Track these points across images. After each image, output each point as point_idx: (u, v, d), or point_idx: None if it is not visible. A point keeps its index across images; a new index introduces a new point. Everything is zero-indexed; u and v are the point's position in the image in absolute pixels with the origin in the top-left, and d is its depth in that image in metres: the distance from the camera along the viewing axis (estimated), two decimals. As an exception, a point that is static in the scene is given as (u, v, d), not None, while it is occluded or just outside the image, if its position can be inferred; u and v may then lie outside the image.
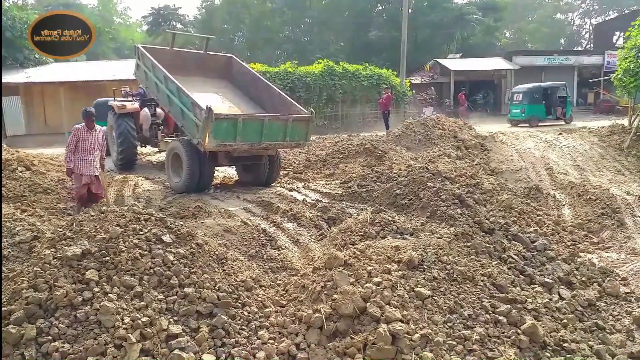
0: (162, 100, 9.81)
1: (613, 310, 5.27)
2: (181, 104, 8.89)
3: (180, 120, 9.16)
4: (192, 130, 8.72)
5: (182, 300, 4.18)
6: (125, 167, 11.92)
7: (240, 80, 11.56)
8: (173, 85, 9.09)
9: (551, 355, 4.15)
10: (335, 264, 4.77)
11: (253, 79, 11.41)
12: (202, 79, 10.87)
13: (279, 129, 9.08)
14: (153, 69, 9.81)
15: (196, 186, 9.12)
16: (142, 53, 10.39)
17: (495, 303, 4.65)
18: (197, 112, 8.34)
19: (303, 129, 9.55)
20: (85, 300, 3.93)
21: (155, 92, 10.06)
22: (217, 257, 5.00)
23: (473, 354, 3.93)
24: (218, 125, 8.15)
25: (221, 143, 8.40)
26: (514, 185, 10.33)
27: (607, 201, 8.78)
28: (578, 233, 7.77)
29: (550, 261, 6.00)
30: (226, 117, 8.39)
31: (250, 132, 8.63)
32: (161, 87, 9.58)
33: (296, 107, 10.04)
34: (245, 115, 8.79)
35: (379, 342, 3.78)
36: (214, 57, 11.99)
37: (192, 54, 12.03)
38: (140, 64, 10.58)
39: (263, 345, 3.96)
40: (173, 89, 9.12)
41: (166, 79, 9.29)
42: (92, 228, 4.74)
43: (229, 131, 8.37)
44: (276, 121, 9.06)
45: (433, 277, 4.75)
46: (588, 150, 13.37)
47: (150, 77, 10.01)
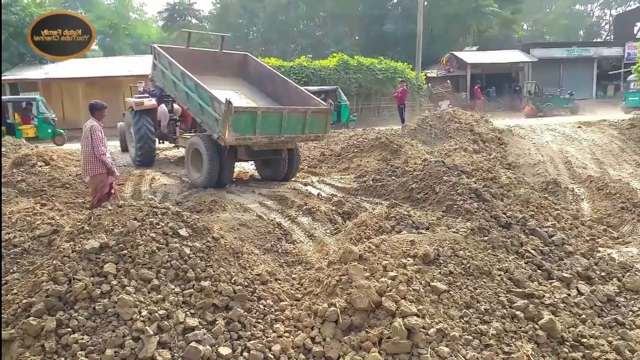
0: (181, 97, 9.79)
1: (633, 306, 5.18)
2: (200, 99, 8.89)
3: (200, 116, 9.15)
4: (211, 125, 8.71)
5: (199, 293, 4.21)
6: (143, 164, 11.94)
7: (256, 77, 11.55)
8: (191, 81, 9.10)
9: (569, 351, 4.10)
10: (350, 258, 4.76)
11: (269, 74, 11.39)
12: (217, 78, 10.89)
13: (297, 122, 9.05)
14: (170, 67, 9.82)
15: (216, 181, 9.15)
16: (158, 52, 10.43)
17: (512, 298, 4.60)
18: (216, 106, 8.34)
19: (322, 121, 9.51)
20: (104, 293, 3.98)
21: (173, 90, 10.03)
22: (232, 250, 5.03)
23: (489, 349, 3.90)
24: (237, 118, 8.14)
25: (241, 136, 8.37)
26: (531, 179, 10.21)
27: (628, 195, 8.63)
28: (597, 227, 7.65)
29: (568, 256, 5.92)
30: (245, 110, 8.40)
31: (270, 125, 8.61)
32: (179, 85, 9.58)
33: (314, 100, 10.00)
34: (264, 107, 8.79)
35: (394, 337, 3.77)
36: (230, 55, 12.00)
37: (207, 53, 12.07)
38: (156, 63, 10.59)
39: (278, 338, 3.98)
40: (191, 85, 9.13)
41: (184, 76, 9.30)
42: (109, 222, 4.79)
43: (248, 124, 8.35)
44: (295, 113, 9.03)
45: (449, 272, 4.72)
46: (608, 144, 13.14)
47: (168, 75, 10.00)
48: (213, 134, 8.61)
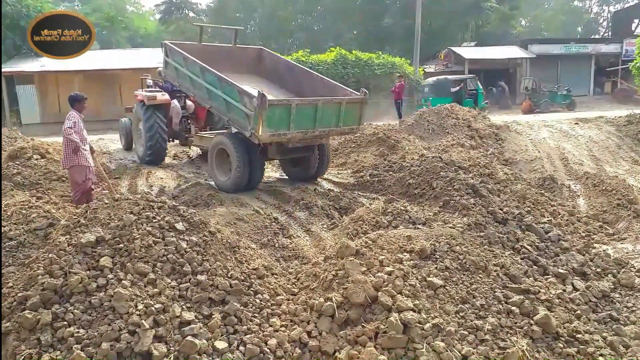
0: (201, 95, 9.05)
1: (628, 302, 5.21)
2: (225, 95, 8.21)
3: (225, 113, 8.43)
4: (241, 123, 7.97)
5: (195, 287, 4.21)
6: (152, 163, 11.11)
7: (274, 71, 10.88)
8: (213, 77, 8.47)
9: (564, 346, 4.12)
10: (347, 253, 4.77)
11: (288, 67, 10.78)
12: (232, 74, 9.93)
13: (332, 114, 8.44)
14: (186, 64, 9.19)
15: (246, 184, 8.48)
16: (170, 49, 9.74)
17: (508, 293, 4.62)
18: (247, 101, 7.66)
19: (356, 112, 8.89)
20: (100, 286, 3.98)
21: (191, 88, 9.31)
22: (229, 245, 5.03)
23: (485, 344, 3.92)
24: (271, 112, 7.53)
25: (275, 132, 7.70)
26: (528, 175, 10.24)
27: (623, 192, 8.65)
28: (593, 224, 7.68)
29: (564, 252, 5.94)
30: (279, 103, 7.81)
31: (304, 118, 8.00)
32: (198, 82, 8.93)
33: (344, 89, 9.36)
34: (299, 99, 8.12)
35: (390, 331, 3.79)
36: (244, 50, 11.42)
37: (220, 48, 11.46)
38: (169, 60, 9.85)
39: (275, 332, 3.99)
40: (213, 81, 8.49)
41: (204, 71, 8.67)
42: (106, 215, 4.78)
43: (283, 118, 7.73)
44: (330, 104, 8.39)
45: (445, 267, 4.74)
46: (604, 140, 13.17)
47: (183, 72, 9.36)
48: (244, 131, 7.86)
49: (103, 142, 13.50)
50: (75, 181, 7.13)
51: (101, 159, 11.17)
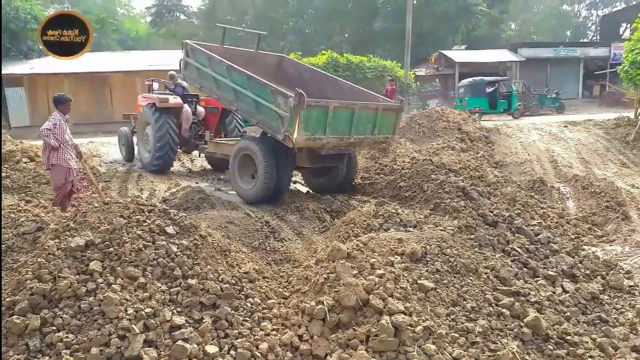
0: (226, 96, 8.53)
1: (616, 304, 5.26)
2: (255, 95, 7.69)
3: (254, 115, 7.85)
4: (273, 125, 7.40)
5: (186, 291, 4.19)
6: (159, 171, 10.39)
7: (296, 79, 10.28)
8: (241, 76, 7.97)
9: (554, 348, 4.15)
10: (338, 256, 4.77)
11: (312, 75, 10.28)
12: None
13: (368, 120, 7.95)
14: (210, 64, 8.69)
15: (271, 194, 7.88)
16: (192, 48, 9.25)
17: (499, 296, 4.65)
18: (281, 101, 7.15)
19: (392, 120, 8.40)
20: (89, 291, 3.94)
21: (214, 89, 8.78)
22: (220, 248, 5.01)
23: (476, 346, 3.94)
24: (309, 113, 7.00)
25: (311, 137, 7.17)
26: (518, 178, 10.30)
27: (612, 194, 8.73)
28: (582, 226, 7.74)
29: (554, 254, 5.99)
30: (317, 104, 7.19)
31: (340, 122, 7.50)
32: (223, 82, 8.40)
33: (376, 97, 8.91)
34: (337, 102, 7.51)
35: (381, 334, 3.79)
36: (264, 57, 10.92)
37: (241, 52, 10.80)
38: (190, 61, 9.31)
39: (266, 336, 3.98)
40: (242, 80, 7.97)
41: (231, 71, 8.18)
42: (95, 219, 4.75)
43: (320, 122, 7.23)
44: (367, 110, 7.91)
45: (436, 270, 4.75)
46: (593, 143, 13.29)
47: (206, 73, 8.84)
48: (276, 134, 7.29)
49: (93, 145, 13.41)
50: (55, 183, 7.06)
51: (91, 162, 11.09)
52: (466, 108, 22.12)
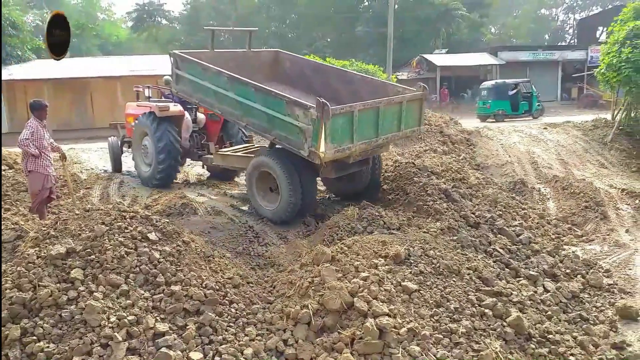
0: (230, 111, 7.59)
1: (596, 302, 5.36)
2: (266, 108, 6.83)
3: (269, 130, 6.98)
4: (293, 140, 6.61)
5: (169, 298, 4.16)
6: (163, 184, 9.45)
7: (296, 75, 9.46)
8: (247, 87, 7.09)
9: (536, 347, 4.21)
10: (322, 260, 4.78)
11: (315, 69, 9.33)
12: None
13: (394, 116, 7.22)
14: (206, 75, 7.76)
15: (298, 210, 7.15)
16: (182, 59, 8.23)
17: (481, 296, 4.70)
18: (300, 113, 6.35)
19: (417, 111, 7.65)
20: (71, 299, 3.90)
21: (216, 104, 7.84)
22: (203, 254, 5.00)
23: (459, 347, 3.97)
24: (334, 123, 6.23)
25: (339, 148, 6.41)
26: (499, 180, 10.43)
27: (591, 194, 8.89)
28: (562, 226, 7.87)
29: (535, 254, 6.08)
30: (342, 112, 6.37)
31: (367, 126, 6.79)
32: (225, 95, 7.48)
33: (394, 87, 8.06)
34: (361, 104, 6.70)
35: (366, 337, 3.81)
36: (258, 55, 10.03)
37: (234, 54, 9.95)
38: (181, 73, 8.28)
39: (251, 341, 3.97)
40: (248, 92, 7.09)
41: (234, 82, 7.30)
42: (76, 226, 4.69)
43: (346, 130, 6.48)
44: (391, 106, 7.16)
45: (419, 272, 4.79)
46: (572, 145, 13.52)
47: (203, 86, 7.87)
48: (299, 151, 6.51)
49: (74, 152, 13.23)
50: (32, 189, 6.96)
51: (72, 168, 10.95)
52: (490, 112, 22.82)
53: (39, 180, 6.86)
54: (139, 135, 9.78)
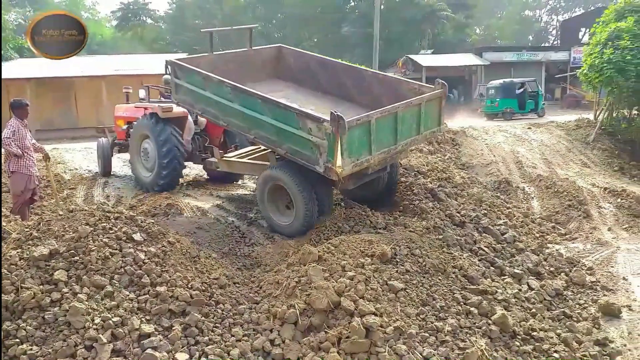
0: (237, 123, 7.05)
1: (580, 299, 5.44)
2: (275, 121, 6.33)
3: (279, 144, 6.48)
4: (306, 156, 6.10)
5: (154, 299, 4.13)
6: (167, 188, 8.84)
7: (300, 71, 8.89)
8: (252, 99, 6.57)
9: (521, 344, 4.25)
10: (309, 259, 4.78)
11: (321, 64, 8.67)
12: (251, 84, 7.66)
13: (412, 119, 6.65)
14: (208, 85, 7.19)
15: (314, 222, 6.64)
16: (180, 67, 7.66)
17: (467, 294, 4.74)
18: (312, 126, 5.85)
19: (436, 111, 7.06)
20: (54, 301, 3.86)
21: (220, 116, 7.28)
22: (189, 255, 4.97)
23: (445, 345, 4.00)
24: (351, 136, 5.72)
25: (357, 161, 5.88)
26: (484, 179, 10.51)
27: (574, 193, 9.01)
28: (546, 225, 7.96)
29: (519, 252, 6.15)
30: (359, 123, 5.83)
31: (385, 134, 6.25)
32: (230, 106, 6.95)
33: (409, 83, 7.51)
34: (378, 112, 6.11)
35: (353, 336, 3.82)
36: (261, 52, 9.41)
37: (235, 54, 9.34)
38: (180, 82, 7.72)
39: (237, 342, 3.95)
40: (254, 104, 6.56)
41: (237, 92, 6.77)
42: (60, 227, 4.64)
43: (363, 141, 5.96)
44: (410, 108, 6.56)
45: (406, 270, 4.82)
46: (555, 144, 13.68)
47: (204, 96, 7.33)
48: (314, 167, 6.01)
49: (58, 152, 13.06)
50: (14, 190, 6.85)
51: (56, 168, 10.81)
52: (498, 110, 23.22)
53: (22, 181, 6.77)
54: (138, 138, 9.24)
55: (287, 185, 6.55)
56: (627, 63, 12.94)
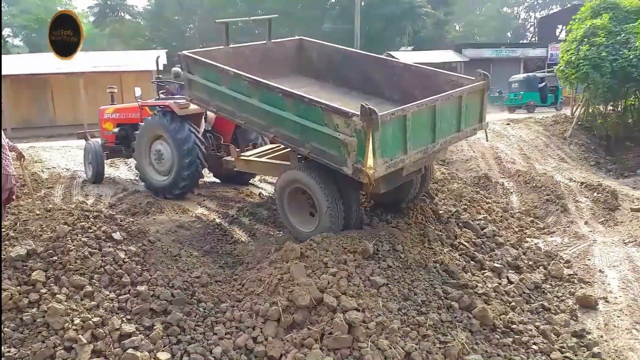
0: (255, 121, 6.41)
1: (557, 292, 5.54)
2: (298, 117, 5.68)
3: (301, 143, 5.78)
4: (332, 156, 5.39)
5: (135, 298, 4.10)
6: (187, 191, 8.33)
7: (324, 65, 8.28)
8: (273, 93, 5.94)
9: (500, 337, 4.32)
10: (291, 256, 4.78)
11: (346, 57, 8.03)
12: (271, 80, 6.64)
13: (452, 115, 5.91)
14: (224, 80, 6.64)
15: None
16: (194, 61, 7.08)
17: (448, 289, 4.79)
18: (339, 122, 5.17)
19: (477, 105, 6.30)
20: (32, 302, 3.80)
21: (236, 113, 6.68)
22: (170, 253, 4.94)
23: (427, 339, 4.04)
24: (385, 132, 4.96)
25: (390, 161, 5.10)
26: (464, 175, 10.62)
27: (552, 188, 9.16)
28: (525, 219, 8.08)
29: (499, 247, 6.23)
30: (393, 117, 5.04)
31: (422, 130, 5.51)
32: (248, 102, 6.33)
33: (446, 75, 6.83)
34: (414, 105, 5.32)
35: (335, 332, 3.83)
36: (282, 45, 8.72)
37: (254, 47, 8.64)
38: (194, 78, 7.14)
39: (219, 340, 3.94)
40: (275, 98, 5.94)
41: (256, 87, 6.17)
42: (37, 227, 4.57)
43: (397, 138, 5.21)
44: (450, 102, 5.78)
45: (387, 266, 4.85)
46: (534, 140, 13.89)
47: (220, 92, 6.77)
48: (341, 167, 5.28)
49: (34, 150, 12.82)
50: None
51: (33, 167, 10.61)
52: (522, 102, 24.27)
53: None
54: (148, 140, 8.51)
55: (310, 189, 5.89)
56: (602, 59, 13.20)
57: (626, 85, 13.83)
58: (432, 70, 6.99)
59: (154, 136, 8.44)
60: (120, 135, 9.66)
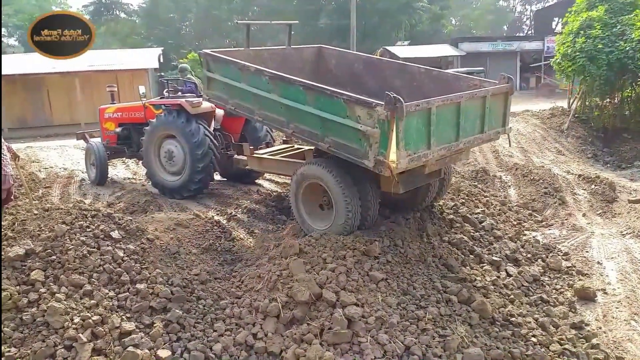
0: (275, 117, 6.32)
1: (556, 284, 5.56)
2: (319, 110, 5.53)
3: (321, 137, 5.60)
4: (353, 149, 5.24)
5: (135, 296, 4.10)
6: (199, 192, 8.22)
7: (344, 73, 8.26)
8: (294, 87, 5.84)
9: (500, 330, 4.33)
10: (290, 253, 4.79)
11: (366, 64, 7.98)
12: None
13: (476, 114, 5.79)
14: (245, 76, 6.57)
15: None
16: (215, 59, 7.09)
17: (447, 283, 4.81)
18: (361, 113, 5.01)
19: (501, 108, 6.18)
20: (31, 301, 3.81)
21: (255, 110, 6.59)
22: (169, 251, 4.94)
23: (426, 333, 4.05)
24: (409, 124, 4.83)
25: (414, 155, 4.93)
26: (462, 169, 10.63)
27: (549, 181, 9.18)
28: (523, 212, 8.09)
29: (497, 240, 6.25)
30: (418, 109, 4.91)
31: (446, 127, 5.38)
32: (268, 98, 6.25)
33: (469, 80, 6.62)
34: (440, 99, 5.23)
35: (335, 327, 3.85)
36: (301, 52, 8.75)
37: (274, 52, 8.68)
38: (214, 76, 7.11)
39: (220, 337, 3.96)
40: (296, 93, 5.84)
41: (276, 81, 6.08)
42: (35, 227, 4.57)
43: (421, 132, 5.09)
44: (473, 101, 5.69)
45: (387, 261, 4.86)
46: (531, 133, 13.90)
47: (240, 90, 6.71)
48: (362, 161, 5.12)
49: (31, 150, 12.79)
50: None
51: (30, 167, 10.59)
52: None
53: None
54: (157, 139, 8.40)
55: (327, 184, 5.73)
56: (598, 52, 13.20)
57: (622, 77, 13.84)
58: (453, 74, 6.92)
59: (162, 136, 8.34)
60: (123, 135, 9.53)
